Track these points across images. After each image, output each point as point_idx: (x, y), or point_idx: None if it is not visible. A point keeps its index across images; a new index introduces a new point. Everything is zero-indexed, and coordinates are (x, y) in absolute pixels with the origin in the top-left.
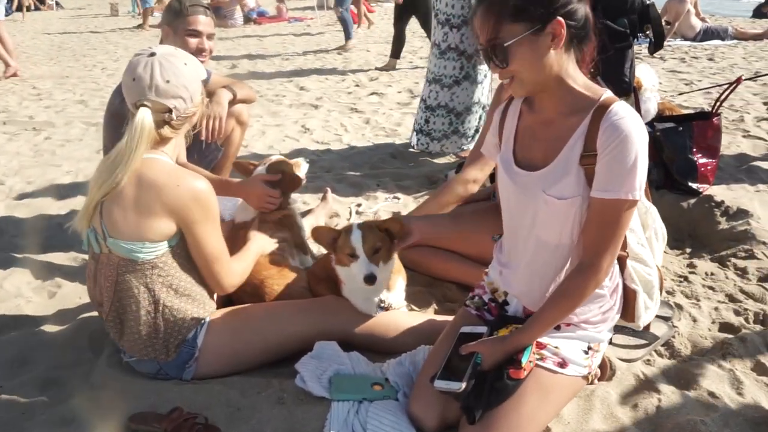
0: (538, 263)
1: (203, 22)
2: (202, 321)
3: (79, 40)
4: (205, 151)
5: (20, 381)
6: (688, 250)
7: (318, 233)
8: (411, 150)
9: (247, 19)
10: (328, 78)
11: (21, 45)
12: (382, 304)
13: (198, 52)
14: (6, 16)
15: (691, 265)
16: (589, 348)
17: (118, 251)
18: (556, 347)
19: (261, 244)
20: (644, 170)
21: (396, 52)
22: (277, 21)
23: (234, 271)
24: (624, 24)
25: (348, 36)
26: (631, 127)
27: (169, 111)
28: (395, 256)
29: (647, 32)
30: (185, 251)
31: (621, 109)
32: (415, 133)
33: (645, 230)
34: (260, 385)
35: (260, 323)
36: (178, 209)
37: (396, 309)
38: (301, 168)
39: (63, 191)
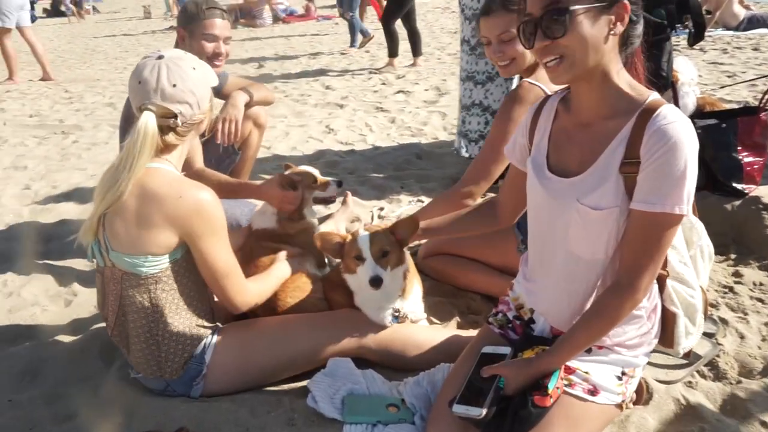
0: (569, 279)
1: (220, 25)
2: (210, 336)
3: (112, 43)
4: (222, 155)
5: (29, 395)
6: (734, 257)
7: (322, 239)
8: (437, 150)
9: (276, 18)
10: (354, 76)
11: (57, 49)
12: (397, 314)
13: (214, 56)
14: (32, 22)
15: (736, 274)
16: (623, 374)
17: (120, 265)
18: (586, 372)
19: (285, 270)
20: (693, 182)
21: (393, 51)
22: (306, 20)
23: (248, 289)
24: (661, 15)
25: (353, 42)
26: (681, 133)
27: (175, 116)
28: (408, 261)
29: (686, 23)
30: (190, 264)
31: (670, 112)
32: (457, 135)
33: (689, 248)
34: (270, 403)
35: (271, 339)
36: (181, 222)
37: (413, 320)
38: (329, 187)
39: (86, 196)
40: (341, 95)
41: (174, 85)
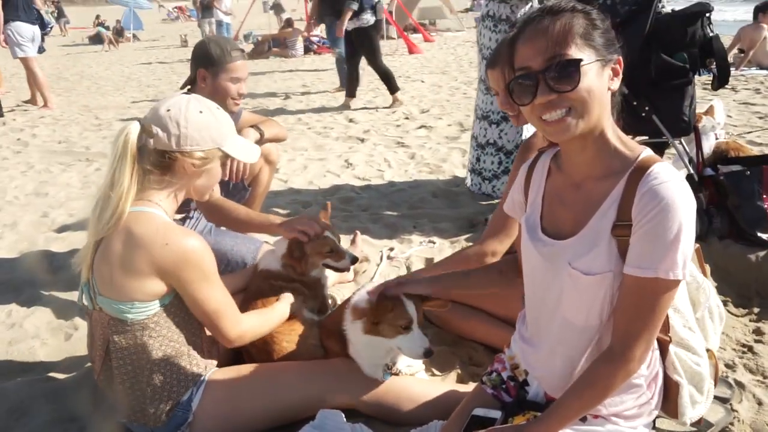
0: (563, 344)
1: (243, 67)
2: (198, 383)
3: (147, 71)
4: (232, 191)
5: None
6: (756, 311)
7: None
8: (453, 189)
9: (307, 49)
10: (378, 110)
11: (94, 76)
12: (390, 370)
13: (238, 96)
14: (39, 53)
15: (758, 332)
16: None
17: (107, 310)
18: None
19: (288, 309)
20: (689, 245)
21: (350, 91)
22: None
23: (244, 323)
24: (683, 59)
25: (342, 83)
26: (675, 193)
27: (151, 136)
28: None
29: (711, 67)
30: (180, 309)
31: (662, 171)
32: (469, 172)
33: (696, 310)
34: None
35: (261, 387)
36: (169, 270)
37: (411, 373)
38: (343, 261)
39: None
40: (363, 129)
41: (168, 110)
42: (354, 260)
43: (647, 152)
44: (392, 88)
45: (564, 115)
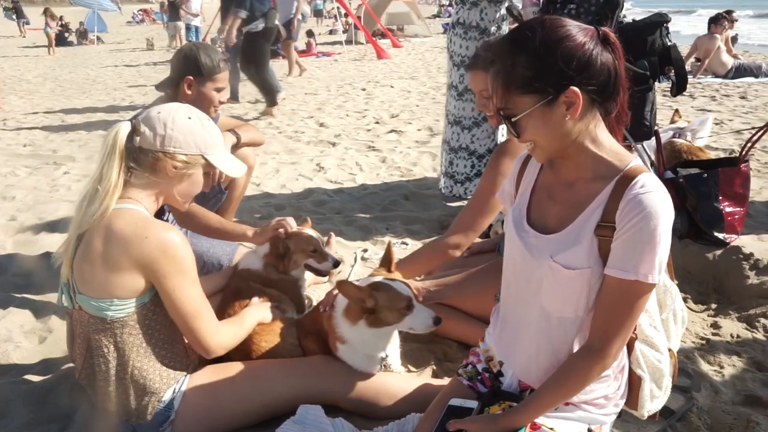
0: (539, 335)
1: (227, 77)
2: (179, 382)
3: (113, 73)
4: (208, 194)
5: None
6: (714, 307)
7: (345, 290)
8: (424, 192)
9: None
10: (348, 114)
11: (58, 79)
12: (383, 362)
13: (219, 103)
14: None
15: (715, 326)
16: (589, 431)
17: (87, 308)
18: (551, 428)
19: (259, 314)
20: (666, 251)
21: (270, 100)
22: (306, 56)
23: (221, 331)
24: (644, 66)
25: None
26: (657, 203)
27: (138, 134)
28: None
29: (669, 74)
30: (159, 309)
31: (648, 181)
32: (442, 176)
33: (662, 311)
34: None
35: (242, 385)
36: (147, 263)
37: (392, 369)
38: (325, 263)
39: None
40: (334, 133)
41: (159, 112)
42: (336, 264)
43: (636, 161)
44: (271, 101)
45: (532, 148)
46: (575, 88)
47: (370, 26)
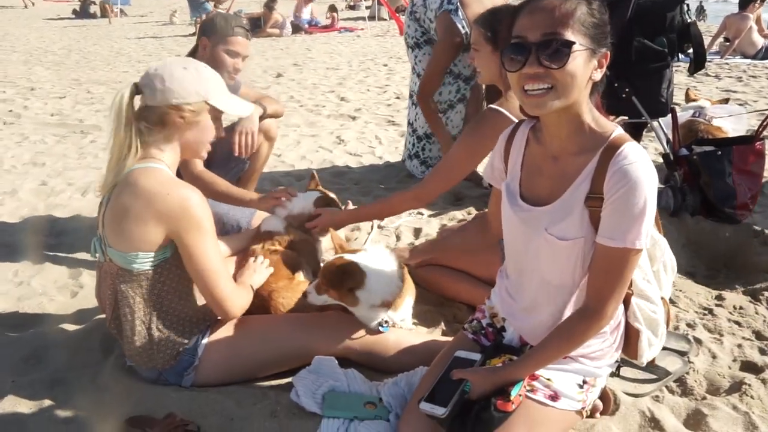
0: (539, 300)
1: (243, 44)
2: (201, 331)
3: (137, 46)
4: (230, 164)
5: (31, 379)
6: (720, 281)
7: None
8: None
9: (297, 28)
10: (369, 89)
11: (83, 50)
12: (386, 323)
13: (234, 70)
14: None
15: (719, 297)
16: (585, 382)
17: (116, 261)
18: (548, 379)
19: (262, 277)
20: (652, 217)
21: None
22: (328, 31)
23: (238, 294)
24: (662, 43)
25: None
26: (641, 173)
27: (139, 93)
28: (404, 273)
29: (688, 51)
30: (181, 263)
31: (631, 151)
32: (408, 158)
33: (653, 264)
34: (256, 396)
35: (260, 337)
36: (168, 218)
37: (401, 326)
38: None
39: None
40: (355, 107)
41: (155, 69)
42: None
43: (618, 131)
44: None
45: (545, 92)
46: (608, 52)
47: (394, 2)
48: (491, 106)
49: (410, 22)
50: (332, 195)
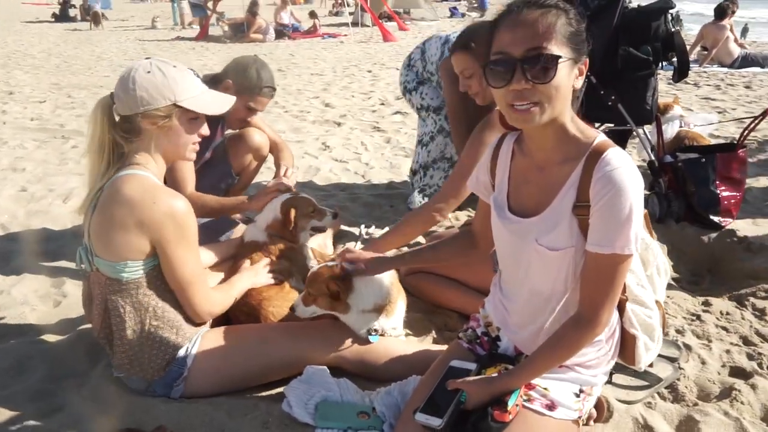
0: (531, 309)
1: (266, 103)
2: (191, 341)
3: (118, 50)
4: (218, 180)
5: (13, 390)
6: (706, 287)
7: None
8: None
9: (280, 34)
10: (354, 95)
11: (63, 55)
12: (376, 332)
13: (243, 121)
14: None
15: (706, 303)
16: (581, 391)
17: (104, 270)
18: (545, 389)
19: (249, 280)
20: (639, 222)
21: None
22: (311, 36)
23: (212, 298)
24: (647, 51)
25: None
26: (625, 177)
27: (113, 102)
28: (394, 279)
29: (672, 60)
30: None
31: (614, 157)
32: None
33: (646, 268)
34: (247, 407)
35: (251, 346)
36: (153, 227)
37: (393, 336)
38: (325, 218)
39: (81, 200)
40: (340, 113)
41: (124, 75)
42: (335, 215)
43: (601, 137)
44: None
45: (532, 106)
46: (587, 59)
47: (377, 9)
48: (496, 109)
49: (406, 72)
50: (294, 189)
